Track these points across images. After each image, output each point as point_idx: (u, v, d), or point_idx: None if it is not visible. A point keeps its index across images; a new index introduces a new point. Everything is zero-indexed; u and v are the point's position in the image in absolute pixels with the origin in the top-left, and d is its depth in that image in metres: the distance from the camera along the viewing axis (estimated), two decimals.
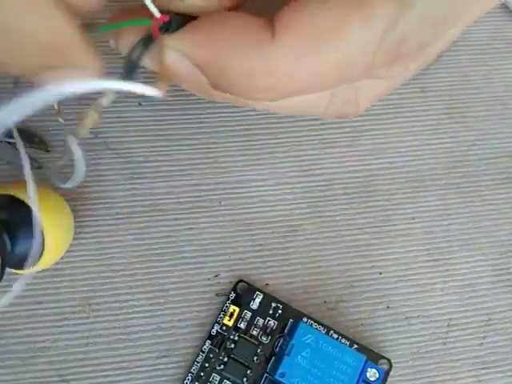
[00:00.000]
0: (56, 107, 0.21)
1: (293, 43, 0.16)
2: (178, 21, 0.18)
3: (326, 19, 0.16)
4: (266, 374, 0.22)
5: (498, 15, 0.32)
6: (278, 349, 0.23)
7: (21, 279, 0.18)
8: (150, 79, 0.16)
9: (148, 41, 0.17)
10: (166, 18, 0.17)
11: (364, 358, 0.22)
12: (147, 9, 0.17)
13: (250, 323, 0.23)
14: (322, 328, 0.23)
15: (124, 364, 0.23)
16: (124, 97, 0.27)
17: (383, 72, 0.18)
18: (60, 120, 0.22)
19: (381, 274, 0.25)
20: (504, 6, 0.32)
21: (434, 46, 0.18)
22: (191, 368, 0.22)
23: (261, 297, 0.24)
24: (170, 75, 0.16)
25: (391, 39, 0.16)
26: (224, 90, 0.18)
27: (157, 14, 0.17)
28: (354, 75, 0.17)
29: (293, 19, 0.16)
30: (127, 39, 0.18)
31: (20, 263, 0.22)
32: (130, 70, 0.17)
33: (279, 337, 0.23)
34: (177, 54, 0.17)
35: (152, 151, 0.26)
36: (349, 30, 0.16)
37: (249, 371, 0.22)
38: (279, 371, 0.22)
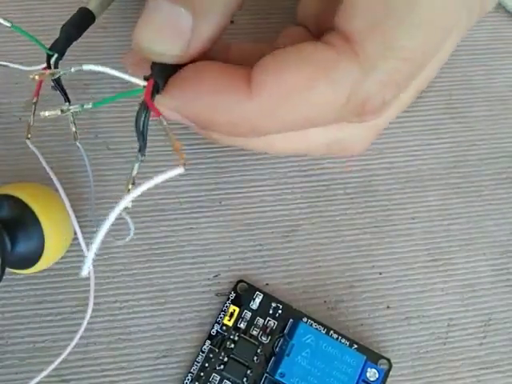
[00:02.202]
0: (73, 129, 0.23)
1: (266, 100, 0.18)
2: (163, 73, 0.19)
3: (295, 80, 0.18)
4: (265, 374, 0.22)
5: (497, 15, 0.32)
6: (277, 349, 0.23)
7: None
8: None
9: (146, 108, 0.18)
10: (152, 83, 0.18)
11: (364, 358, 0.22)
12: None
13: (250, 323, 0.23)
14: (321, 328, 0.23)
15: (124, 364, 0.23)
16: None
17: (355, 120, 0.20)
18: (77, 144, 0.23)
19: (381, 274, 0.25)
20: (503, 7, 0.32)
21: (403, 96, 0.20)
22: (191, 368, 0.22)
23: (261, 297, 0.24)
24: (178, 145, 0.17)
25: (355, 99, 0.18)
26: (214, 131, 0.20)
27: (141, 82, 0.18)
28: (322, 125, 0.20)
29: (266, 78, 0.18)
30: None
31: (20, 263, 0.22)
32: (142, 138, 0.18)
33: (279, 337, 0.23)
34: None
35: (152, 151, 0.26)
36: (315, 90, 0.18)
37: (249, 371, 0.22)
38: (279, 371, 0.22)
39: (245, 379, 0.22)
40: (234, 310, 0.23)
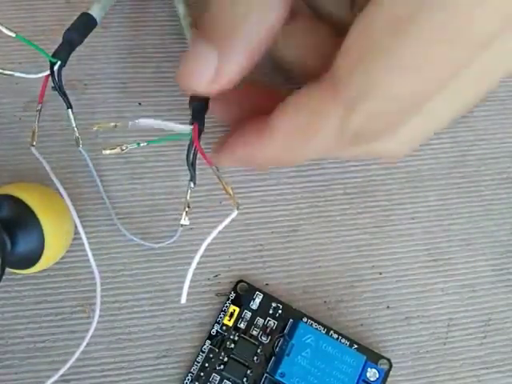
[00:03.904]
0: (76, 134, 0.23)
1: (280, 142, 0.22)
2: (202, 113, 0.22)
3: (296, 124, 0.21)
4: (266, 374, 0.22)
5: None
6: (278, 349, 0.23)
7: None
8: None
9: (193, 146, 0.21)
10: (196, 127, 0.21)
11: (364, 357, 0.22)
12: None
13: (250, 323, 0.23)
14: (322, 328, 0.23)
15: (124, 364, 0.23)
16: (124, 96, 0.27)
17: (356, 146, 0.22)
18: (80, 148, 0.24)
19: (381, 273, 0.25)
20: None
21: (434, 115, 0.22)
22: (191, 368, 0.22)
23: (261, 297, 0.24)
24: (230, 190, 0.20)
25: (347, 131, 0.21)
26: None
27: (187, 128, 0.21)
28: (329, 152, 0.24)
29: (277, 124, 0.21)
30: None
31: (20, 263, 0.22)
32: (192, 170, 0.21)
33: (279, 337, 0.23)
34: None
35: (152, 151, 0.26)
36: (312, 130, 0.21)
37: (249, 371, 0.22)
38: (279, 371, 0.22)
39: (245, 379, 0.22)
40: (234, 310, 0.23)
